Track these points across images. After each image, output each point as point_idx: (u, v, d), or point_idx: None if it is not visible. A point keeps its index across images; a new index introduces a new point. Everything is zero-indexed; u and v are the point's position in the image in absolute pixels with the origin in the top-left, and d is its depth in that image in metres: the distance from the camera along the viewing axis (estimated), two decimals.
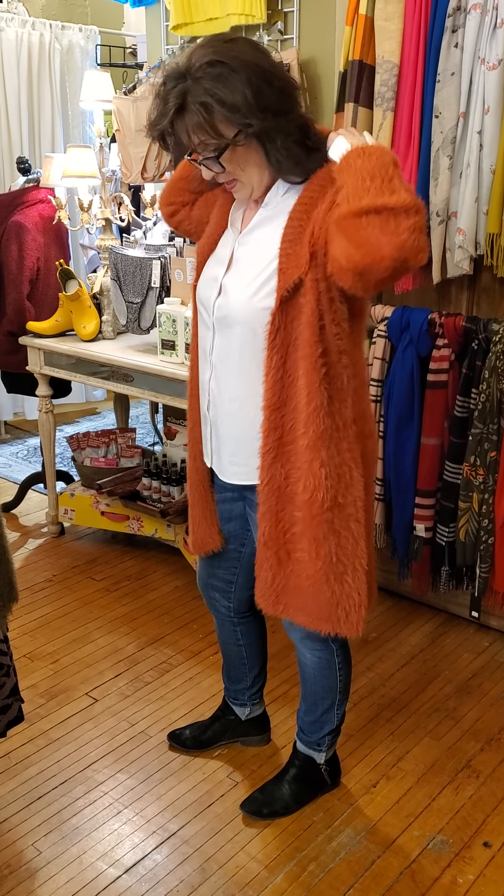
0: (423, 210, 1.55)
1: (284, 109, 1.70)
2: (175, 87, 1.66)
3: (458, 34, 2.50)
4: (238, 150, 1.72)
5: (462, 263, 2.64)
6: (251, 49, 1.70)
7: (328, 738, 2.26)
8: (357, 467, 1.84)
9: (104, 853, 2.13)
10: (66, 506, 3.72)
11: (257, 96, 1.64)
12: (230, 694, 2.46)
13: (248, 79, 1.64)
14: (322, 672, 2.16)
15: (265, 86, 1.65)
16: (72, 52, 5.05)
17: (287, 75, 1.76)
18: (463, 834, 2.20)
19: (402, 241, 1.51)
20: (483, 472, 2.72)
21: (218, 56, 1.64)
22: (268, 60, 1.71)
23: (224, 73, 1.63)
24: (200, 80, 1.64)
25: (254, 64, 1.66)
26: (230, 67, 1.63)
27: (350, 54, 2.76)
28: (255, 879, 2.06)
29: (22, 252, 3.71)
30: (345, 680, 2.19)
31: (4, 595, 1.97)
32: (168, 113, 1.68)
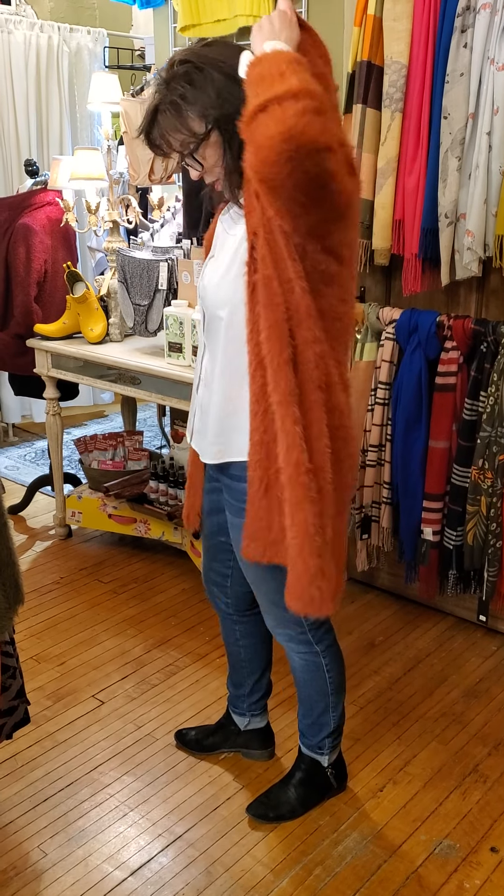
0: (316, 93, 1.45)
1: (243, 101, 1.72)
2: (156, 93, 1.77)
3: (468, 34, 2.49)
4: (210, 145, 1.78)
5: (471, 265, 2.62)
6: (223, 48, 1.78)
7: (328, 741, 2.25)
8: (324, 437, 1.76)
9: (110, 855, 2.13)
10: (73, 508, 3.72)
11: (219, 90, 1.72)
12: (231, 701, 2.45)
13: (213, 76, 1.72)
14: (311, 675, 2.16)
15: (228, 80, 1.72)
16: (80, 55, 5.06)
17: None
18: (470, 839, 2.18)
19: (289, 126, 1.41)
20: (491, 475, 2.71)
21: (186, 56, 1.75)
22: (235, 57, 1.72)
23: (189, 70, 1.73)
24: (172, 81, 1.74)
25: (220, 61, 1.73)
26: (195, 66, 1.73)
27: (358, 55, 2.76)
28: (261, 883, 2.05)
29: (30, 254, 3.71)
30: (335, 681, 2.18)
31: (11, 597, 1.97)
32: (149, 119, 1.78)
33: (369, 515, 3.10)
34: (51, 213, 3.80)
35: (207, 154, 1.80)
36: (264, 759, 2.45)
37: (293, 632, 2.09)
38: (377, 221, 2.79)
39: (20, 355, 3.78)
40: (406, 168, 2.72)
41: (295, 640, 2.11)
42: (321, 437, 1.76)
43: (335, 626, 3.10)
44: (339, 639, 3.01)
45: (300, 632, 2.09)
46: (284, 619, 2.04)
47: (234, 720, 2.45)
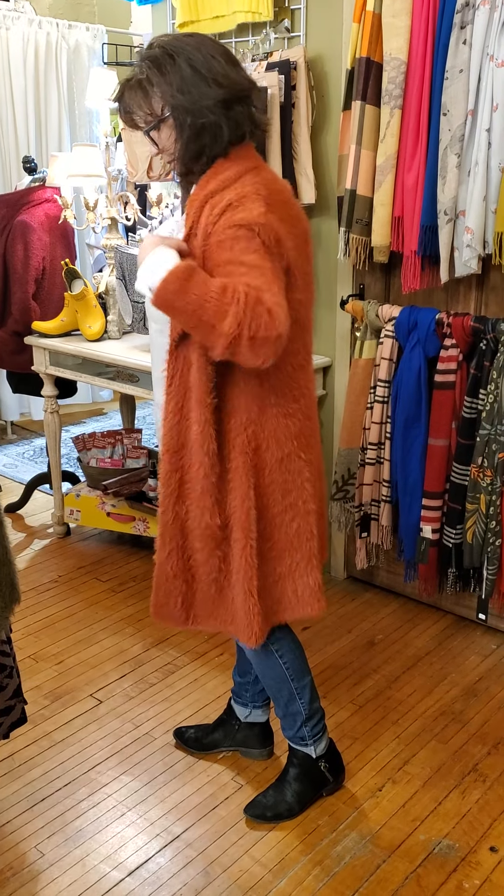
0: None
1: (206, 94, 1.81)
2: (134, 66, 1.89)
3: (467, 31, 2.48)
4: (165, 128, 1.87)
5: (470, 262, 2.61)
6: (200, 43, 1.85)
7: (306, 730, 2.24)
8: (248, 499, 1.93)
9: (107, 856, 2.12)
10: (71, 506, 3.71)
11: (183, 80, 1.81)
12: (235, 690, 2.44)
13: (180, 65, 1.81)
14: (265, 664, 2.17)
15: (193, 74, 1.80)
16: (79, 51, 5.04)
17: (226, 70, 1.84)
18: (469, 838, 2.18)
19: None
20: (491, 473, 2.70)
21: (163, 44, 1.84)
22: (208, 54, 1.83)
23: (161, 56, 1.82)
24: (143, 61, 1.85)
25: (191, 54, 1.82)
26: (168, 52, 1.82)
27: (357, 51, 2.74)
28: (259, 883, 2.04)
29: (28, 251, 3.70)
30: (293, 666, 2.18)
31: (6, 596, 1.96)
32: (121, 89, 1.89)
33: (368, 513, 3.09)
34: (49, 210, 3.79)
35: (163, 136, 1.89)
36: (263, 759, 2.44)
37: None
38: (376, 218, 2.78)
39: (18, 353, 3.77)
40: (405, 165, 2.70)
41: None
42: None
43: (334, 624, 3.11)
44: (338, 637, 3.01)
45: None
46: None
47: (235, 712, 2.44)
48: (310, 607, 2.05)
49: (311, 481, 1.99)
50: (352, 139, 2.78)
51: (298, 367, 1.94)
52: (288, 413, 1.94)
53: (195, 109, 1.81)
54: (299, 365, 1.95)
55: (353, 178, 2.80)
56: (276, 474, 1.95)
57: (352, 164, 2.79)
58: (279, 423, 1.93)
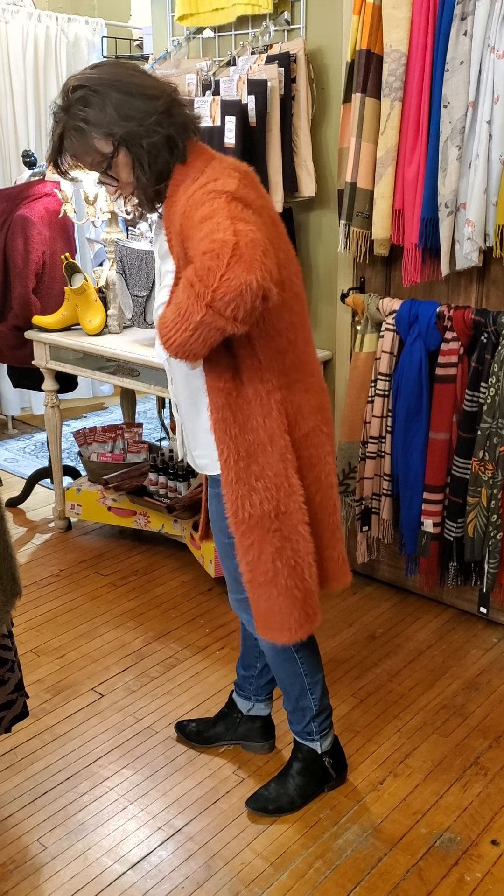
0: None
1: (148, 111, 1.80)
2: (56, 120, 1.84)
3: (468, 22, 2.47)
4: (119, 161, 1.84)
5: (471, 255, 2.61)
6: (112, 67, 1.86)
7: (314, 726, 2.24)
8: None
9: (109, 849, 2.12)
10: (72, 501, 3.71)
11: (118, 108, 1.79)
12: (238, 683, 2.44)
13: (108, 95, 1.79)
14: (280, 659, 2.17)
15: (125, 97, 1.79)
16: (78, 45, 5.03)
17: (150, 81, 1.85)
18: (471, 832, 2.18)
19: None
20: (492, 466, 2.70)
21: (82, 82, 1.81)
22: (127, 74, 1.83)
23: (86, 95, 1.79)
24: (71, 108, 1.81)
25: (113, 80, 1.80)
26: (90, 89, 1.79)
27: (357, 44, 2.73)
28: (261, 876, 2.05)
29: (28, 246, 3.69)
30: (308, 662, 2.19)
31: (8, 590, 1.96)
32: (55, 146, 1.86)
33: (369, 507, 3.09)
34: (49, 205, 3.78)
35: (120, 171, 1.86)
36: (265, 752, 2.44)
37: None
38: (377, 211, 2.77)
39: (19, 347, 3.77)
40: (406, 157, 2.69)
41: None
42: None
43: (335, 618, 3.11)
44: (340, 631, 3.02)
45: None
46: (247, 602, 2.08)
47: (238, 704, 2.44)
48: (336, 581, 2.09)
49: (332, 454, 2.02)
50: (352, 132, 2.78)
51: (306, 341, 1.97)
52: (308, 387, 1.96)
53: (145, 130, 1.80)
54: (306, 339, 1.98)
55: (353, 171, 2.79)
56: (303, 449, 1.96)
57: (352, 156, 2.78)
58: (302, 398, 1.94)
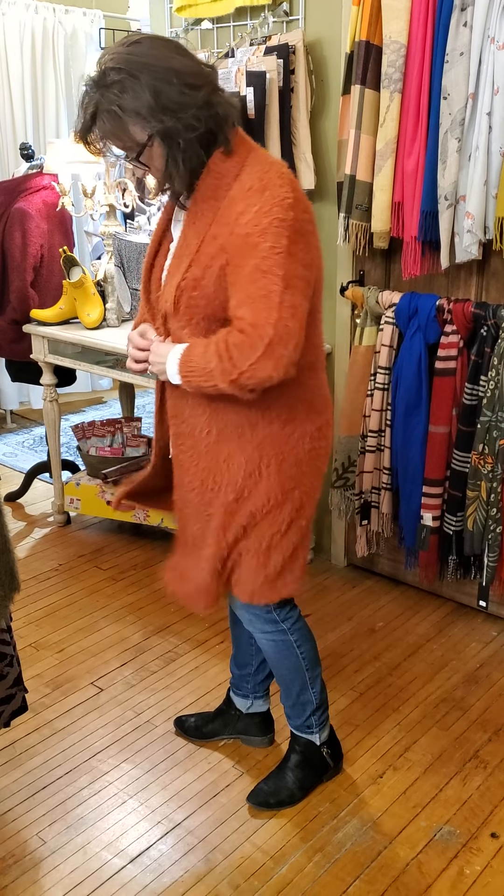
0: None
1: (187, 104, 1.72)
2: (88, 96, 1.75)
3: (468, 13, 2.46)
4: (153, 150, 1.77)
5: (471, 248, 2.59)
6: (153, 48, 1.75)
7: (314, 719, 2.25)
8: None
9: (109, 843, 2.12)
10: (71, 495, 3.70)
11: (156, 97, 1.70)
12: (234, 682, 2.44)
13: (148, 82, 1.70)
14: (282, 655, 2.17)
15: (164, 85, 1.70)
16: (76, 37, 5.00)
17: (192, 68, 1.76)
18: (470, 825, 2.18)
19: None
20: (491, 460, 2.69)
21: (119, 64, 1.71)
22: (169, 58, 1.74)
23: (124, 79, 1.70)
24: (106, 90, 1.72)
25: (153, 65, 1.71)
26: (129, 73, 1.70)
27: (357, 35, 2.72)
28: (261, 870, 2.05)
29: (25, 239, 3.68)
30: (308, 656, 2.19)
31: (6, 585, 1.95)
32: (85, 122, 1.77)
33: (369, 501, 3.09)
34: (47, 198, 3.76)
35: (153, 160, 1.79)
36: (264, 746, 2.44)
37: (259, 611, 2.10)
38: (376, 204, 2.76)
39: (17, 341, 3.76)
40: (405, 149, 2.68)
41: (261, 620, 2.12)
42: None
43: (334, 612, 3.11)
44: (339, 625, 3.01)
45: (266, 611, 2.10)
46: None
47: (235, 703, 2.44)
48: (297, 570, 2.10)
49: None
50: (351, 124, 2.76)
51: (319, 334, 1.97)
52: (319, 384, 1.98)
53: (183, 125, 1.72)
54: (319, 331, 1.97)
55: (352, 164, 2.78)
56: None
57: (351, 148, 2.77)
58: (316, 394, 1.96)
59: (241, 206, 1.73)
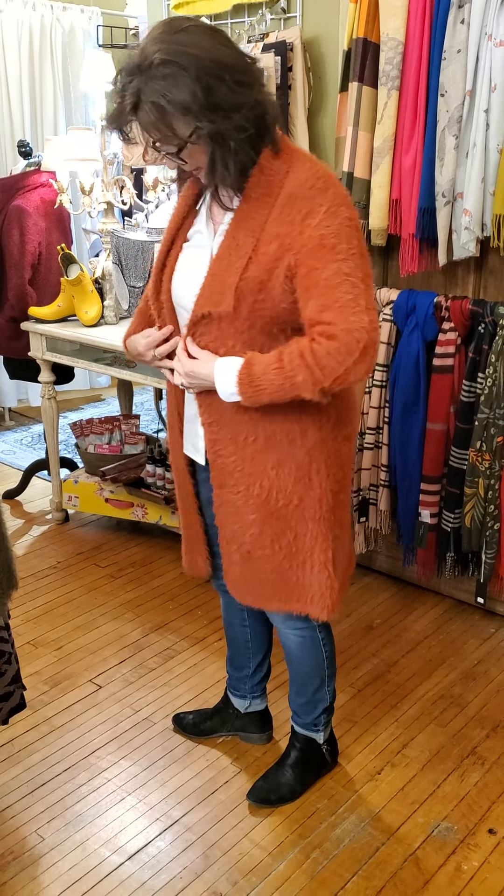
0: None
1: (239, 103, 1.65)
2: (129, 82, 1.64)
3: (465, 10, 2.46)
4: (195, 147, 1.70)
5: (468, 245, 2.60)
6: (203, 39, 1.65)
7: (323, 718, 2.26)
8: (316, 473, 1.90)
9: (107, 840, 2.13)
10: (70, 493, 3.70)
11: (207, 94, 1.61)
12: (231, 683, 2.44)
13: (198, 76, 1.60)
14: (307, 651, 2.16)
15: (216, 82, 1.62)
16: (73, 34, 5.00)
17: (242, 63, 1.68)
18: (468, 821, 2.19)
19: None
20: (489, 457, 2.69)
21: (168, 55, 1.60)
22: (220, 51, 1.65)
23: (174, 72, 1.60)
24: (152, 80, 1.61)
25: (204, 59, 1.62)
26: (180, 66, 1.60)
27: (354, 32, 2.72)
28: (259, 866, 2.05)
29: (23, 237, 3.68)
30: (330, 655, 2.20)
31: (4, 582, 1.95)
32: (124, 110, 1.67)
33: (367, 498, 3.09)
34: (45, 195, 3.76)
35: (193, 157, 1.72)
36: (262, 743, 2.44)
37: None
38: (374, 201, 2.76)
39: (15, 338, 3.76)
40: (403, 147, 2.68)
41: (293, 618, 2.10)
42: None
43: None
44: (337, 621, 3.02)
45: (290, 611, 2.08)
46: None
47: (234, 703, 2.45)
48: (351, 567, 2.11)
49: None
50: (349, 121, 2.76)
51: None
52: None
53: (234, 126, 1.65)
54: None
55: (350, 161, 2.77)
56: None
57: (349, 146, 2.77)
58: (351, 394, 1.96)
59: (306, 206, 1.69)
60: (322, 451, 1.88)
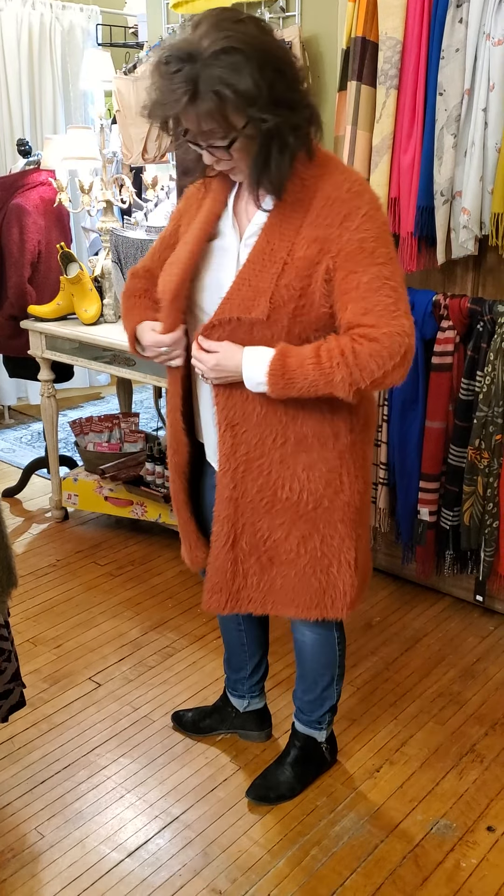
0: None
1: (295, 101, 1.63)
2: (182, 70, 1.56)
3: (463, 9, 2.46)
4: (242, 145, 1.66)
5: (467, 244, 2.60)
6: (260, 32, 1.61)
7: (328, 715, 2.26)
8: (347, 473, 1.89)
9: (107, 837, 2.13)
10: (69, 491, 3.71)
11: (270, 88, 1.57)
12: (230, 684, 2.44)
13: (262, 68, 1.56)
14: (322, 649, 2.17)
15: (277, 76, 1.58)
16: (73, 32, 5.00)
17: (294, 62, 1.67)
18: (466, 818, 2.19)
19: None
20: (488, 455, 2.70)
21: (231, 42, 1.54)
22: (277, 45, 1.63)
23: (239, 61, 1.54)
24: (211, 67, 1.54)
25: (266, 51, 1.58)
26: (245, 55, 1.54)
27: (353, 31, 2.72)
28: (258, 864, 2.06)
29: (23, 235, 3.68)
30: (342, 654, 2.21)
31: (3, 580, 1.96)
32: (178, 98, 1.57)
33: None
34: (44, 194, 3.77)
35: (239, 153, 1.67)
36: (261, 741, 2.45)
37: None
38: None
39: (15, 337, 3.76)
40: (401, 145, 2.68)
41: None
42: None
43: None
44: None
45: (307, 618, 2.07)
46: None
47: (233, 703, 2.45)
48: (370, 563, 2.10)
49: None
50: (347, 120, 2.76)
51: None
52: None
53: (292, 124, 1.61)
54: None
55: (348, 159, 2.78)
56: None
57: (347, 144, 2.77)
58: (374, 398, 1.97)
59: (345, 208, 1.68)
60: (353, 453, 1.88)
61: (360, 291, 1.67)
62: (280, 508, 1.90)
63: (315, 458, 1.86)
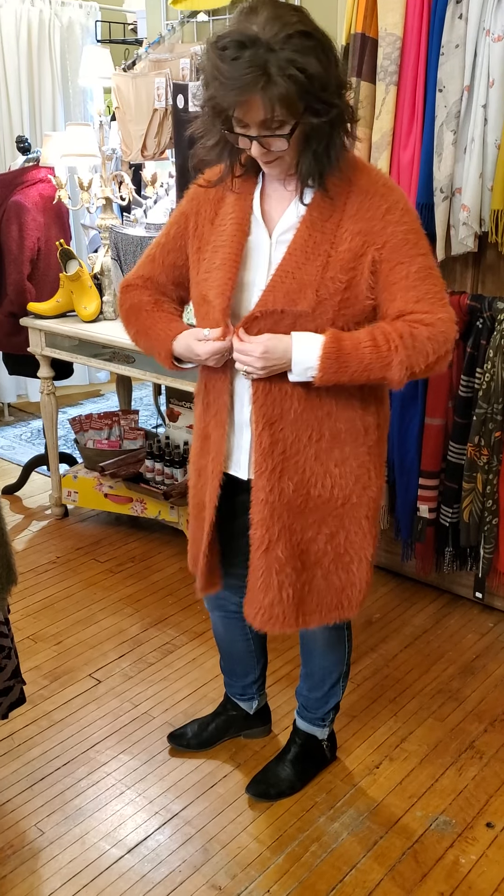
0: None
1: (345, 93, 1.64)
2: (243, 56, 1.51)
3: (463, 5, 2.46)
4: (301, 129, 1.62)
5: (466, 241, 2.60)
6: (311, 20, 1.61)
7: (332, 713, 2.27)
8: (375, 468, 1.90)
9: (107, 833, 2.14)
10: (69, 488, 3.71)
11: (336, 76, 1.59)
12: (236, 691, 2.40)
13: (328, 55, 1.56)
14: (333, 647, 2.17)
15: (336, 63, 1.60)
16: (72, 29, 4.99)
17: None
18: (466, 814, 2.19)
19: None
20: (487, 452, 2.70)
21: (299, 27, 1.54)
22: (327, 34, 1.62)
23: (308, 45, 1.53)
24: (283, 50, 1.51)
25: (325, 37, 1.58)
26: (314, 39, 1.55)
27: (352, 27, 2.71)
28: (258, 860, 2.06)
29: (22, 232, 3.68)
30: (350, 652, 2.22)
31: (3, 577, 1.95)
32: (250, 83, 1.52)
33: None
34: (43, 191, 3.76)
35: (294, 139, 1.63)
36: (262, 736, 2.45)
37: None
38: None
39: (14, 334, 3.76)
40: (401, 142, 2.68)
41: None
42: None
43: None
44: None
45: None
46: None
47: (242, 707, 2.41)
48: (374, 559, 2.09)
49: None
50: None
51: None
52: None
53: (350, 112, 1.62)
54: None
55: None
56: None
57: None
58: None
59: (385, 202, 1.70)
60: (378, 448, 1.89)
61: (409, 281, 1.70)
62: (312, 507, 1.88)
63: (347, 454, 1.86)
